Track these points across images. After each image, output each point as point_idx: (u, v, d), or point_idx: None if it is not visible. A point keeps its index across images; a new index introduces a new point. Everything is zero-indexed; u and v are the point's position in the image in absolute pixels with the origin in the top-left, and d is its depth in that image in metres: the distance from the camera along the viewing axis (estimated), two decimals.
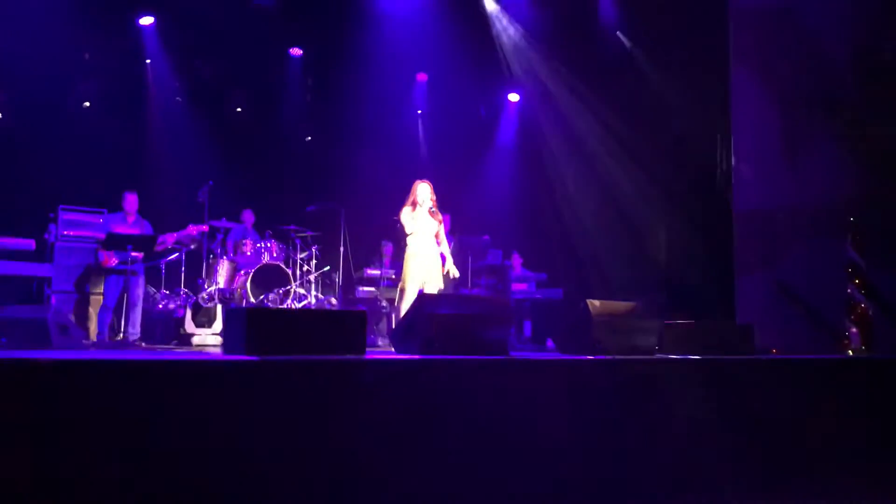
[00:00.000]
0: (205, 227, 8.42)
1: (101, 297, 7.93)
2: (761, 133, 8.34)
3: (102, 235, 7.70)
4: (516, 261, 10.53)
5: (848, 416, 4.88)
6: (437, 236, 7.01)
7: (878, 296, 6.69)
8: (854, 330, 6.40)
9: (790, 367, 5.03)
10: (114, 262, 7.65)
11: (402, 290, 6.89)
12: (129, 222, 7.92)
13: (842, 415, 4.87)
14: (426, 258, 6.88)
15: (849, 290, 6.51)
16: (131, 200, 7.96)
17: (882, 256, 6.97)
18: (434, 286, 6.84)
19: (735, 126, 8.51)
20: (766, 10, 8.36)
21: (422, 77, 11.98)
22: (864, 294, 6.47)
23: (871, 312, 6.44)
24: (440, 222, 7.02)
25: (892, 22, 7.79)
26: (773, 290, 8.01)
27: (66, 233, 8.55)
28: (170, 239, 7.97)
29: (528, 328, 10.32)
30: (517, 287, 10.30)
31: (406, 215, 6.97)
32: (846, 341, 6.47)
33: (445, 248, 7.15)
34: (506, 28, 11.02)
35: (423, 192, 6.98)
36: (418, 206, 6.94)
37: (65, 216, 8.59)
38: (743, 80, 8.46)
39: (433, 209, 6.94)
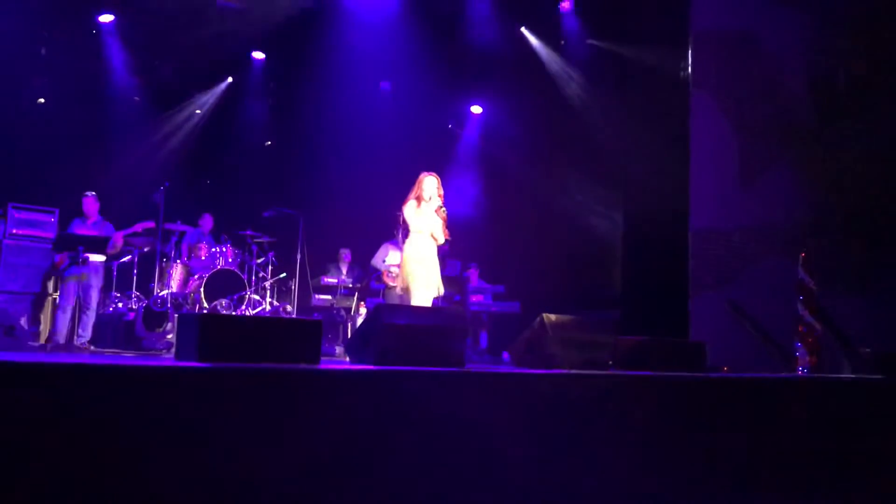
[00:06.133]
0: (150, 224, 8.23)
1: (56, 299, 7.77)
2: (718, 154, 8.48)
3: (52, 235, 7.54)
4: (473, 272, 10.54)
5: (795, 435, 4.97)
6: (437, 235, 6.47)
7: (826, 316, 6.82)
8: (803, 350, 6.52)
9: (740, 386, 5.10)
10: (65, 263, 7.49)
11: (407, 291, 6.38)
12: (88, 224, 7.78)
13: (789, 433, 4.96)
14: (429, 260, 6.39)
15: (798, 311, 6.63)
16: (90, 202, 7.82)
17: (831, 278, 7.13)
18: (435, 289, 6.41)
19: (693, 147, 8.64)
20: (726, 35, 8.52)
21: (385, 85, 11.97)
22: (813, 315, 6.59)
23: (819, 333, 6.56)
24: (445, 220, 6.43)
25: (846, 51, 8.01)
26: (725, 309, 8.13)
27: (15, 231, 8.35)
28: (119, 238, 7.82)
29: (484, 340, 10.33)
30: (474, 299, 10.31)
31: (411, 211, 6.41)
32: (795, 361, 6.59)
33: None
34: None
35: (430, 185, 6.43)
36: (424, 202, 6.40)
37: (15, 214, 8.40)
38: (702, 102, 8.60)
39: (441, 207, 6.39)
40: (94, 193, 7.89)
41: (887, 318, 7.29)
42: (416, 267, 6.36)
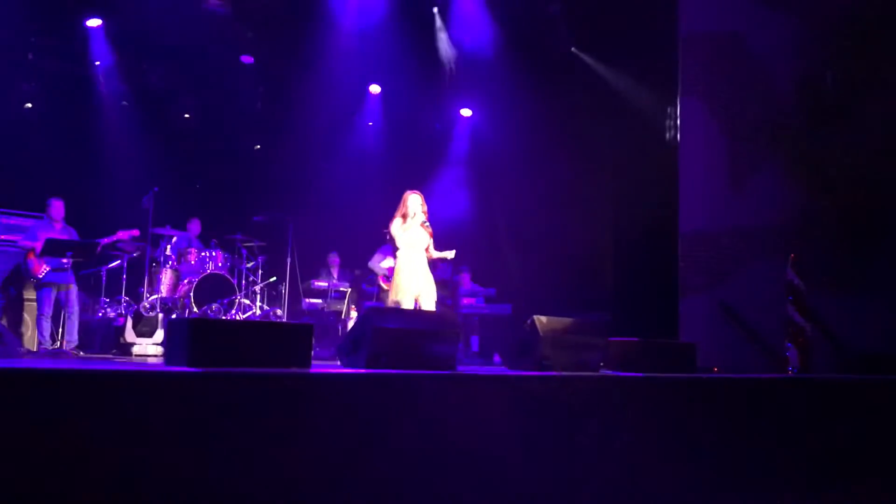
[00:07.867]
0: (135, 232, 8.15)
1: (36, 305, 7.69)
2: (708, 156, 8.51)
3: (32, 242, 7.43)
4: (464, 275, 10.54)
5: (786, 435, 4.98)
6: (427, 249, 6.78)
7: (815, 317, 6.85)
8: (793, 350, 6.54)
9: (730, 386, 5.12)
10: (45, 269, 7.40)
11: (397, 304, 6.62)
12: (57, 229, 7.66)
13: (780, 433, 4.97)
14: (419, 272, 6.68)
15: (788, 312, 6.65)
16: (58, 207, 7.70)
17: (820, 279, 7.16)
18: (429, 299, 6.68)
19: (682, 149, 8.66)
20: (715, 37, 8.54)
21: (374, 89, 11.95)
22: (802, 315, 6.62)
23: (809, 333, 6.59)
24: (430, 235, 6.79)
25: (833, 52, 8.05)
26: (715, 311, 8.15)
27: (0, 237, 8.29)
28: (98, 247, 7.74)
29: (475, 343, 10.32)
30: (466, 301, 10.30)
31: (397, 228, 6.74)
32: (785, 361, 6.61)
33: (435, 254, 6.87)
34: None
35: (415, 203, 6.75)
36: (409, 218, 6.73)
37: (1, 220, 8.33)
38: (691, 104, 8.62)
39: (425, 222, 6.72)
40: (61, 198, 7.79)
41: (876, 319, 7.33)
42: (406, 279, 6.66)
